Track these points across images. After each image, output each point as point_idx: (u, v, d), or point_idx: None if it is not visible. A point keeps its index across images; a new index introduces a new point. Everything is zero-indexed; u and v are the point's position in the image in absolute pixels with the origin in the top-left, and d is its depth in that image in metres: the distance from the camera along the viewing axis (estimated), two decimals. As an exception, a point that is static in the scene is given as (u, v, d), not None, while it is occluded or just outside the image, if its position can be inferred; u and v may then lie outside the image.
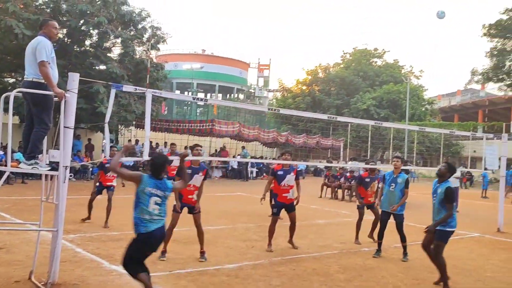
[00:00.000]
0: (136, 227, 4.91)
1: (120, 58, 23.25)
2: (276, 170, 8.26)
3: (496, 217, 12.15)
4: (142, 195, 4.88)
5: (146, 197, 4.87)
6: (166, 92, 11.44)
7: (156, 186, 4.92)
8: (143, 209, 4.87)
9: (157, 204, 4.91)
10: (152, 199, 4.89)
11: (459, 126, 41.15)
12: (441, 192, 6.54)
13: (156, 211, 4.91)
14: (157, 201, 4.90)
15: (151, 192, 4.89)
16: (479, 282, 6.82)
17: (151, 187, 4.90)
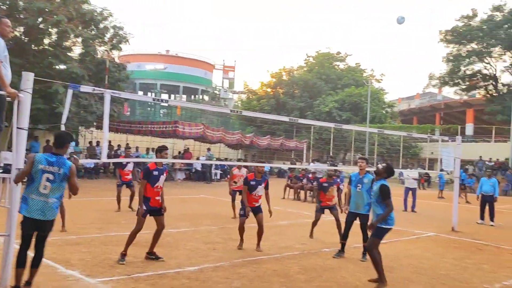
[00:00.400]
0: (20, 207, 4.94)
1: (81, 58, 22.78)
2: (250, 180, 8.40)
3: (451, 217, 12.56)
4: (35, 174, 4.89)
5: (38, 175, 4.87)
6: (126, 92, 11.26)
7: (50, 163, 4.91)
8: (32, 187, 4.89)
9: (48, 181, 4.87)
10: (44, 176, 4.87)
11: (417, 128, 42.26)
12: (376, 189, 6.74)
13: (48, 190, 4.88)
14: (49, 178, 4.87)
15: (43, 169, 4.88)
16: (433, 280, 7.02)
17: (44, 164, 4.89)
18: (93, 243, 8.12)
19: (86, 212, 11.54)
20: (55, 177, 4.92)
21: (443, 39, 37.76)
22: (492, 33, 34.40)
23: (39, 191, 4.89)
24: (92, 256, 7.13)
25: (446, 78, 38.34)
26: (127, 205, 12.70)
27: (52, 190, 4.92)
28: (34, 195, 4.90)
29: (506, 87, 36.97)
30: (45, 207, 4.91)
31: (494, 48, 35.50)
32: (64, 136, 5.17)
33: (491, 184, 14.10)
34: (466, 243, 10.56)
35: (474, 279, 7.20)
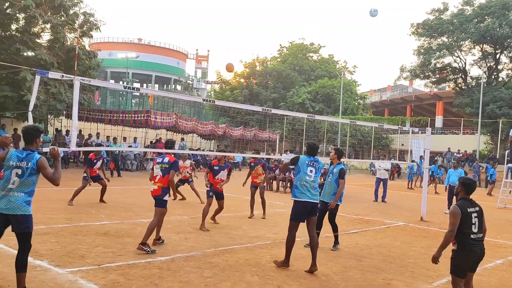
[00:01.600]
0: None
1: (50, 44, 22.18)
2: (213, 165, 9.67)
3: (420, 207, 12.84)
4: (6, 170, 4.81)
5: (8, 171, 4.79)
6: (96, 80, 11.04)
7: (20, 159, 4.82)
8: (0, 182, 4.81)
9: (17, 176, 4.78)
10: (14, 171, 4.78)
11: (388, 120, 42.94)
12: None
13: (15, 184, 4.77)
14: (18, 173, 4.78)
15: (13, 166, 4.79)
16: (402, 268, 7.17)
17: (15, 161, 4.80)
18: (62, 233, 7.97)
19: (55, 202, 11.32)
20: (24, 171, 4.79)
21: (414, 32, 38.26)
22: (462, 27, 35.06)
23: (7, 186, 4.76)
24: (61, 246, 7.01)
25: (417, 70, 38.92)
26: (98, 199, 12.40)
27: (20, 185, 4.78)
28: (1, 190, 4.78)
29: (474, 81, 37.79)
30: (10, 201, 4.75)
31: (464, 42, 36.19)
32: (31, 133, 4.99)
33: (457, 175, 14.47)
34: (434, 232, 10.81)
35: (441, 267, 7.34)
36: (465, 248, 4.90)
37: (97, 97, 29.30)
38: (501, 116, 32.21)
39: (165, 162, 7.45)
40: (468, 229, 4.88)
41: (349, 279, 6.35)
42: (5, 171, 4.79)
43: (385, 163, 17.69)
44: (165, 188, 7.38)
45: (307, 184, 6.76)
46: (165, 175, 7.35)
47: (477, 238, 4.92)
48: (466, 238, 4.89)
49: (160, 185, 7.37)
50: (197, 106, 38.36)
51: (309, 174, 6.80)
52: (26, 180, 4.80)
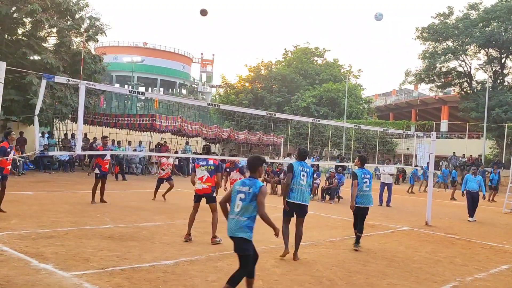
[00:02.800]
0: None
1: (56, 48, 22.35)
2: (226, 167, 10.65)
3: (425, 211, 12.79)
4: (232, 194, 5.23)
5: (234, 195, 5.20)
6: (101, 84, 11.10)
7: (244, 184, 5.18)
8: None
9: (241, 200, 5.11)
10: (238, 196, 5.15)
11: (393, 124, 42.86)
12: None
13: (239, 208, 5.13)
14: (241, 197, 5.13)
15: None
16: (407, 273, 7.14)
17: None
18: (67, 236, 8.00)
19: (60, 205, 11.36)
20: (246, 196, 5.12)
21: (419, 36, 38.19)
22: (467, 31, 34.97)
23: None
24: (66, 250, 7.03)
25: (422, 75, 38.81)
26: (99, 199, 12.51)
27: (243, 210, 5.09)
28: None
29: (480, 85, 37.66)
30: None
31: (469, 46, 36.08)
32: (254, 162, 5.33)
33: (477, 182, 14.17)
34: (439, 237, 10.76)
35: (446, 272, 7.35)
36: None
37: (103, 101, 29.44)
38: (506, 120, 32.08)
39: (210, 165, 8.36)
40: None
41: (354, 284, 6.34)
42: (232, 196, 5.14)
43: (389, 167, 17.65)
44: (213, 186, 8.34)
45: (300, 187, 7.51)
46: (212, 175, 8.30)
47: None
48: None
49: (209, 184, 8.26)
50: (202, 110, 38.44)
51: (302, 179, 7.54)
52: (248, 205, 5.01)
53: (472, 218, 14.04)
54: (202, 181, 8.28)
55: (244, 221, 5.04)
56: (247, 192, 5.04)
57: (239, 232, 5.05)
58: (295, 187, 7.51)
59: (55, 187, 15.70)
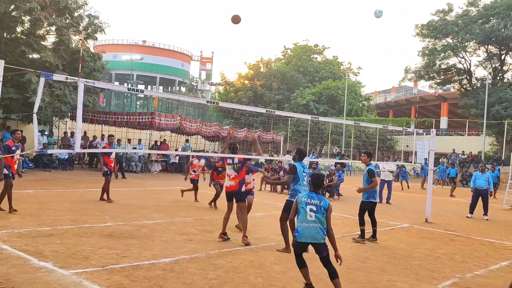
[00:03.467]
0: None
1: (55, 47, 22.31)
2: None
3: (424, 209, 12.79)
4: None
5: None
6: (100, 82, 11.09)
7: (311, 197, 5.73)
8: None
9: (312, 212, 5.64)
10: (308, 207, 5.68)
11: (393, 121, 42.84)
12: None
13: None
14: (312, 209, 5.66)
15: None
16: (407, 269, 7.14)
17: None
18: (66, 234, 7.99)
19: (60, 204, 11.35)
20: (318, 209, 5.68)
21: (419, 33, 38.15)
22: (467, 28, 34.94)
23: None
24: (65, 248, 7.02)
25: (422, 72, 38.79)
26: (99, 198, 12.51)
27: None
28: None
29: (479, 82, 37.64)
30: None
31: (469, 42, 36.06)
32: (319, 179, 6.02)
33: (485, 179, 14.10)
34: (438, 234, 10.77)
35: (446, 269, 7.35)
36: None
37: (102, 99, 29.42)
38: (506, 117, 32.07)
39: (236, 163, 8.49)
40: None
41: (354, 281, 6.33)
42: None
43: (389, 164, 17.64)
44: (241, 181, 8.39)
45: (304, 188, 7.73)
46: (239, 172, 8.42)
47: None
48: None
49: (236, 181, 8.35)
50: (201, 108, 38.44)
51: (304, 179, 7.86)
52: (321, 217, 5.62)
53: (471, 215, 14.03)
54: (230, 179, 8.45)
55: (322, 230, 5.59)
56: (318, 205, 5.65)
57: (320, 239, 5.61)
58: (300, 188, 7.75)
59: (55, 185, 15.69)
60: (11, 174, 9.84)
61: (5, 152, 9.72)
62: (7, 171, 9.78)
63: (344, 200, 17.13)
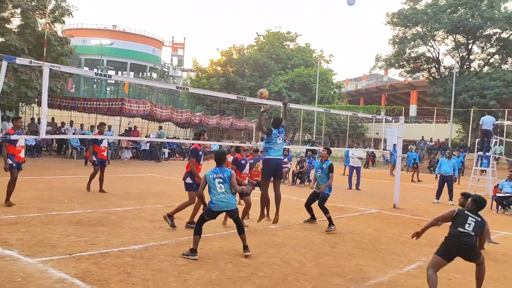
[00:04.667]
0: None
1: (20, 30, 21.61)
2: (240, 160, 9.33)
3: (393, 195, 13.05)
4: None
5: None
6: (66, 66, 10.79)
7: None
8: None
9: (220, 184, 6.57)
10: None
11: (363, 109, 43.34)
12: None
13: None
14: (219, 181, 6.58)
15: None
16: (374, 254, 7.30)
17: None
18: (32, 222, 7.84)
19: (26, 191, 11.10)
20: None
21: (389, 21, 38.56)
22: (436, 17, 35.50)
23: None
24: (31, 236, 6.89)
25: (392, 60, 39.30)
26: (98, 189, 12.08)
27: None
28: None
29: (447, 70, 38.41)
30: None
31: (438, 31, 36.67)
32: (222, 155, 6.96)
33: (450, 166, 14.43)
34: (405, 219, 11.02)
35: (412, 253, 7.55)
36: (454, 237, 5.59)
37: (70, 84, 28.76)
38: (472, 105, 32.86)
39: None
40: (460, 223, 5.58)
41: (322, 266, 6.44)
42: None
43: (358, 151, 17.89)
44: (187, 172, 8.35)
45: (276, 146, 8.54)
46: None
47: (464, 232, 5.50)
48: (457, 231, 5.57)
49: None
50: (173, 94, 38.04)
51: (278, 141, 8.59)
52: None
53: (437, 201, 14.40)
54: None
55: (232, 197, 6.64)
56: (223, 177, 6.55)
57: (234, 205, 6.66)
58: (273, 147, 8.50)
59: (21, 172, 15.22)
60: (16, 164, 9.43)
61: (5, 142, 9.27)
62: (11, 161, 9.35)
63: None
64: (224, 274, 5.72)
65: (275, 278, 5.72)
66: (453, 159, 14.98)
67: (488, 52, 37.30)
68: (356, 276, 6.05)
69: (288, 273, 5.95)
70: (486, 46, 36.81)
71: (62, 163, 19.27)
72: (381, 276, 6.17)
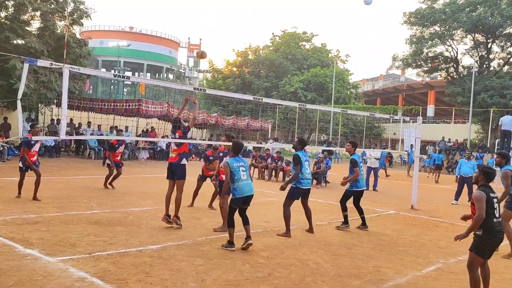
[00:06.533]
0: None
1: (40, 32, 21.94)
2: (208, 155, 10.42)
3: (410, 195, 12.92)
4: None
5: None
6: (85, 68, 10.97)
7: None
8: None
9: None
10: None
11: (380, 109, 43.02)
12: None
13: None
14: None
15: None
16: (392, 256, 7.24)
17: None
18: (53, 221, 7.95)
19: (46, 191, 11.24)
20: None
21: (406, 21, 38.20)
22: (454, 16, 35.06)
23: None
24: (51, 235, 6.99)
25: (409, 59, 38.92)
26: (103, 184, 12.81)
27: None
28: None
29: (466, 70, 37.90)
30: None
31: (456, 31, 36.22)
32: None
33: (470, 166, 14.25)
34: (424, 220, 10.91)
35: (430, 255, 7.46)
36: (492, 231, 5.03)
37: (88, 85, 29.09)
38: (492, 105, 32.38)
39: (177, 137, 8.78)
40: (492, 213, 5.06)
41: (340, 267, 6.40)
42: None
43: (375, 152, 17.75)
44: (180, 154, 8.46)
45: (308, 176, 8.39)
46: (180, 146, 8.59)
47: (499, 222, 5.12)
48: (492, 221, 5.04)
49: (176, 153, 8.44)
50: (189, 95, 38.17)
51: (307, 167, 8.43)
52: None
53: (456, 202, 14.23)
54: (171, 150, 8.65)
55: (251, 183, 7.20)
56: (244, 165, 7.11)
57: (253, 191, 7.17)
58: (302, 175, 8.26)
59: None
60: (25, 167, 10.14)
61: (25, 146, 10.06)
62: (21, 165, 10.13)
63: (331, 187, 17.23)
64: (241, 274, 5.73)
65: (292, 279, 5.71)
66: (472, 160, 14.81)
67: (508, 51, 36.71)
68: (374, 278, 6.01)
69: (305, 274, 5.93)
70: (506, 45, 36.22)
71: (80, 164, 19.51)
72: (399, 277, 6.12)
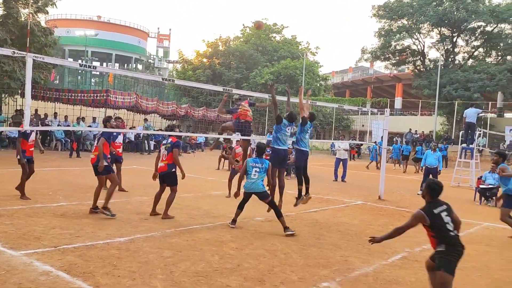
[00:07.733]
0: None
1: (3, 20, 21.22)
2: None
3: (378, 186, 13.17)
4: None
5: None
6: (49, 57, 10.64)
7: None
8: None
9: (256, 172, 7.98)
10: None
11: (349, 101, 43.52)
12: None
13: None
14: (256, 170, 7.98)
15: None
16: (359, 245, 7.37)
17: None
18: (16, 215, 7.76)
19: (10, 184, 10.95)
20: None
21: (375, 14, 38.66)
22: (421, 10, 35.69)
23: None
24: (15, 228, 6.83)
25: (378, 52, 39.45)
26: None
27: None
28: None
29: (432, 63, 38.69)
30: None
31: (423, 24, 36.89)
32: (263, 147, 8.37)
33: (435, 158, 14.67)
34: (391, 210, 11.13)
35: (396, 244, 7.61)
36: (454, 245, 4.60)
37: (54, 75, 28.34)
38: (456, 97, 33.18)
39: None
40: (445, 228, 4.67)
41: (308, 257, 6.48)
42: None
43: (344, 143, 17.99)
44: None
45: (285, 137, 8.86)
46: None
47: (456, 235, 4.68)
48: (450, 235, 4.62)
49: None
50: (159, 86, 37.73)
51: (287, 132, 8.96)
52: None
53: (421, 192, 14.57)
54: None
55: (261, 183, 7.94)
56: (261, 167, 7.96)
57: (261, 189, 7.90)
58: (281, 137, 8.79)
59: (4, 164, 15.15)
60: (27, 159, 9.83)
61: (21, 136, 9.71)
62: (19, 157, 9.69)
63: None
64: (210, 266, 5.73)
65: (261, 269, 5.75)
66: (438, 152, 15.21)
67: (472, 45, 37.63)
68: (341, 267, 6.11)
69: (274, 265, 5.98)
70: (471, 39, 37.12)
71: (46, 155, 19.03)
72: (366, 267, 6.24)
